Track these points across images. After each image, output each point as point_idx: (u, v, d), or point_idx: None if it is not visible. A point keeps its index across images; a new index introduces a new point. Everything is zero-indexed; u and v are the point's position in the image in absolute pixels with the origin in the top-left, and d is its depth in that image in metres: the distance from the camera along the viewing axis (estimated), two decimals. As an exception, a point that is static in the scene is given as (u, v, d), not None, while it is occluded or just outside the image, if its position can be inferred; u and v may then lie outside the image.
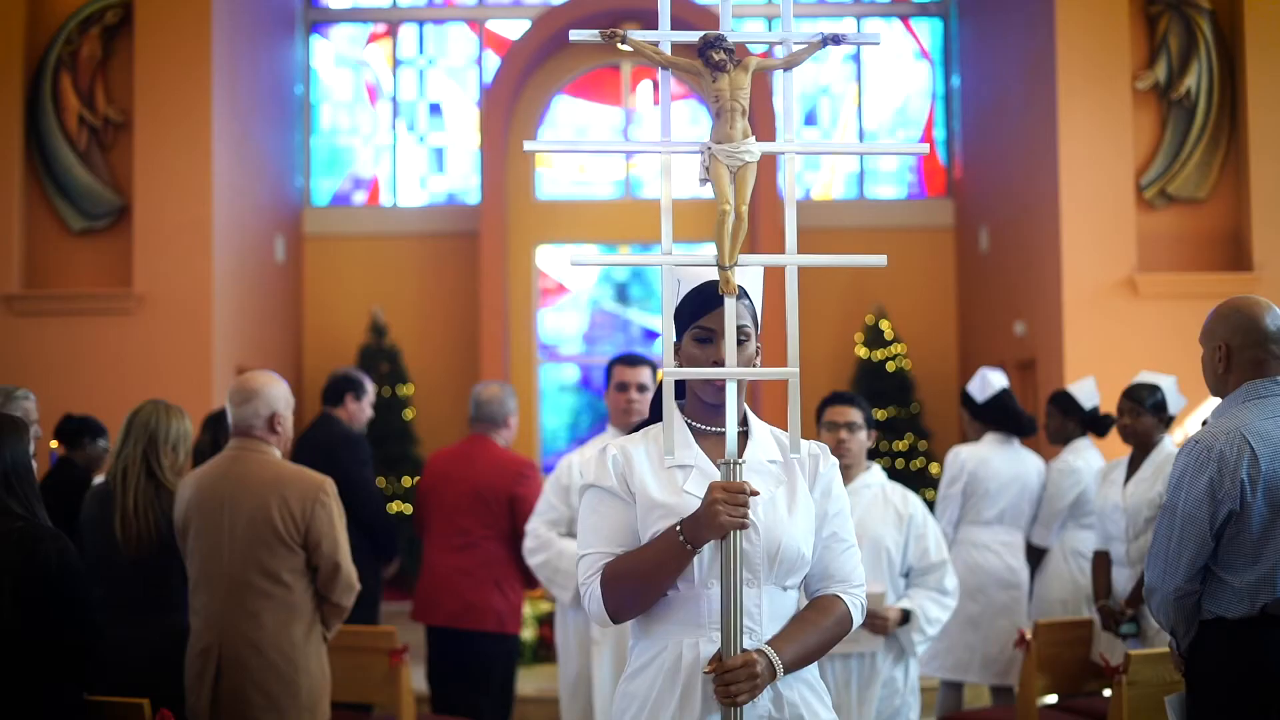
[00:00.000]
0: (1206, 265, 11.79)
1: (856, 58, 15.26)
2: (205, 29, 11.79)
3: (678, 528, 2.99)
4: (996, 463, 7.31)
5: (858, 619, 3.22)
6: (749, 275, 3.23)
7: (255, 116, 13.33)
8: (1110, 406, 7.16)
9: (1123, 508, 6.26)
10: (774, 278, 3.68)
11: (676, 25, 3.20)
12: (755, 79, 3.17)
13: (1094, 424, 7.45)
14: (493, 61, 15.07)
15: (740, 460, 3.03)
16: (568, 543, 6.00)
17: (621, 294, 15.59)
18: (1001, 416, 7.42)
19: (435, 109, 15.41)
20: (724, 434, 3.09)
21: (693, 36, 3.16)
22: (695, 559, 3.01)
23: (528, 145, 3.25)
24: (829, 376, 13.93)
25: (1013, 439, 7.44)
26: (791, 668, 3.07)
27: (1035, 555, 7.37)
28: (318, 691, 4.88)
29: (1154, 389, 6.43)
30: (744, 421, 3.19)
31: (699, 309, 3.16)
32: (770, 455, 3.19)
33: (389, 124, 15.32)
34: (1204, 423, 6.44)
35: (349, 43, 15.42)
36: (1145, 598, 4.13)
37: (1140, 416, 6.36)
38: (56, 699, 4.06)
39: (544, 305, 15.34)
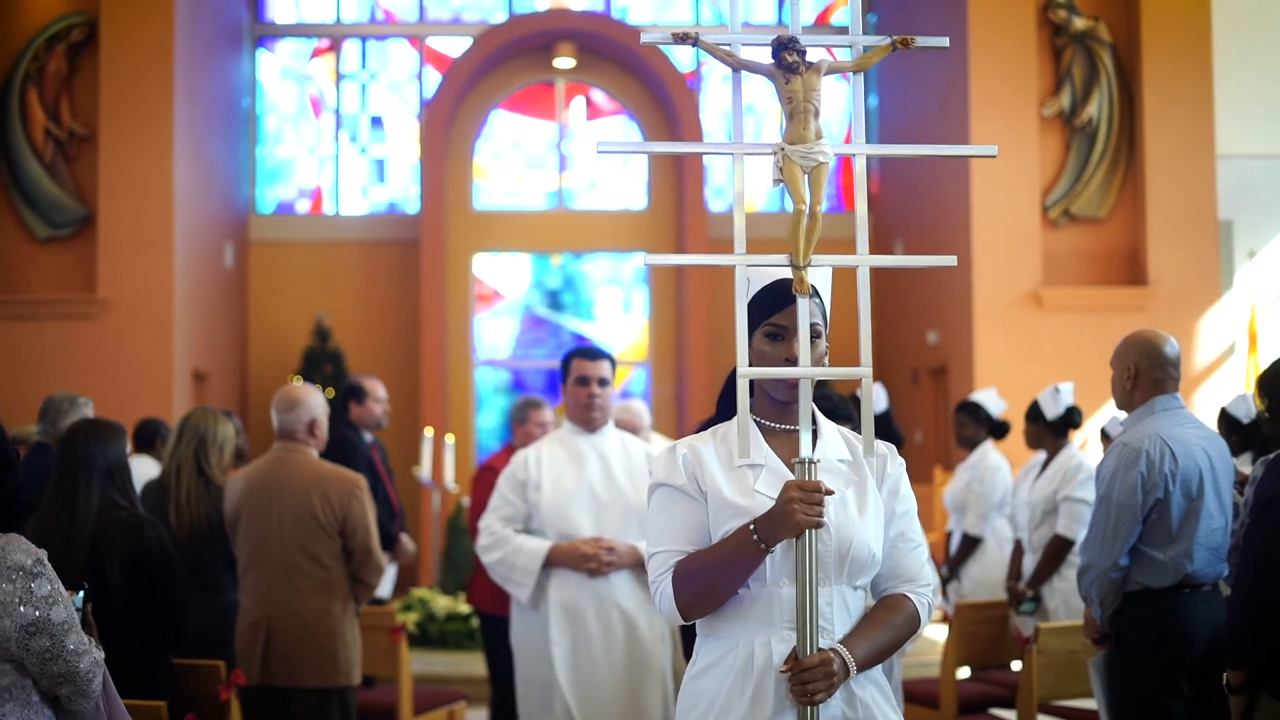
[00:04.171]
0: (1106, 280, 12.65)
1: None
2: (168, 46, 12.31)
3: (751, 527, 2.96)
4: None
5: (925, 619, 3.18)
6: (819, 274, 3.23)
7: (208, 128, 13.81)
8: (1017, 412, 7.94)
9: (1028, 502, 7.08)
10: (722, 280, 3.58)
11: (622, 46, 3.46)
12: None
13: (997, 430, 8.23)
14: (433, 77, 15.68)
15: (815, 459, 3.00)
16: (525, 539, 5.55)
17: (553, 300, 16.18)
18: (886, 431, 8.27)
19: (377, 121, 15.99)
20: (792, 432, 3.10)
21: (764, 40, 3.16)
22: (767, 558, 2.99)
23: (600, 147, 2.91)
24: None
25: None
26: (864, 666, 3.03)
27: (969, 544, 8.05)
28: (352, 658, 5.57)
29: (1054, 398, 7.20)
30: (811, 420, 3.11)
31: (770, 306, 3.13)
32: (840, 454, 3.17)
33: (332, 135, 15.87)
34: (1103, 430, 7.30)
35: (294, 57, 15.95)
36: (1079, 575, 5.00)
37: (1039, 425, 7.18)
38: (154, 659, 4.75)
39: (480, 311, 15.95)
